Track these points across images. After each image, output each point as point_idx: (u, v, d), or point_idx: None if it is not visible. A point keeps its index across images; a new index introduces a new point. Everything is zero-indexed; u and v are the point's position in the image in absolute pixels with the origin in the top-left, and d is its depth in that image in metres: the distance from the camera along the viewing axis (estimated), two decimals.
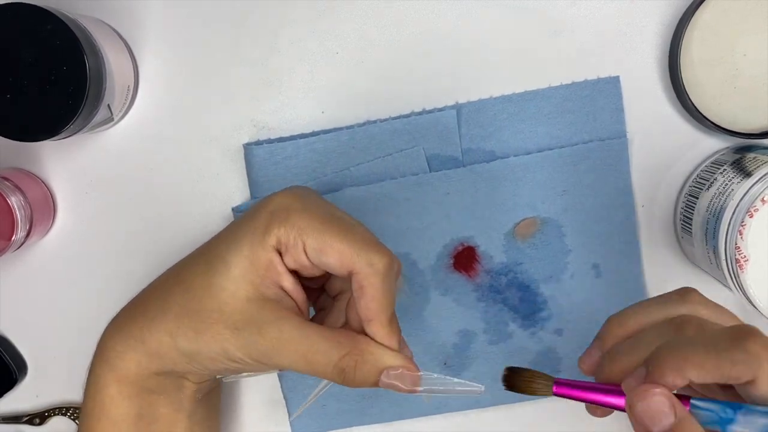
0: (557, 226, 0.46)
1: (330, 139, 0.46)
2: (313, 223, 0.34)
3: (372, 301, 0.34)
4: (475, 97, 0.46)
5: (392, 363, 0.35)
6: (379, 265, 0.34)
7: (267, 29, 0.46)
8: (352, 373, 0.34)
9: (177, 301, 0.36)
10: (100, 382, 0.37)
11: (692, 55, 0.44)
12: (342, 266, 0.34)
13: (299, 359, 0.34)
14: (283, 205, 0.35)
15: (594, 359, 0.35)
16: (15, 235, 0.43)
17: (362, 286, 0.34)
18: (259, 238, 0.34)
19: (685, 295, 0.34)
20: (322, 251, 0.34)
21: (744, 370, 0.29)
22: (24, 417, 0.49)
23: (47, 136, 0.39)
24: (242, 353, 0.35)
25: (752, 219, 0.39)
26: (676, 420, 0.29)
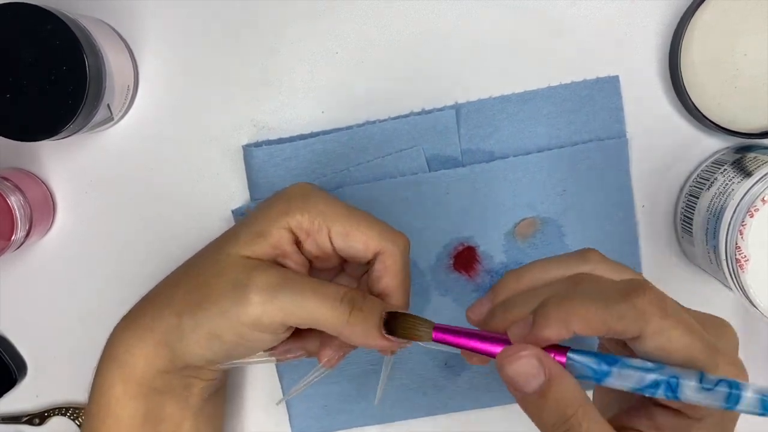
0: (557, 225, 0.46)
1: (329, 139, 0.46)
2: (336, 209, 0.35)
3: (395, 277, 0.36)
4: (475, 97, 0.46)
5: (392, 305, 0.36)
6: (404, 245, 0.36)
7: (267, 29, 0.46)
8: (360, 303, 0.34)
9: (185, 285, 0.36)
10: (107, 382, 0.37)
11: (692, 55, 0.44)
12: (368, 248, 0.35)
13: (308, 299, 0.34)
14: (300, 192, 0.36)
15: (484, 309, 0.34)
16: (15, 235, 0.43)
17: (387, 265, 0.36)
18: (275, 218, 0.35)
19: (585, 254, 0.34)
20: (348, 235, 0.35)
21: (629, 325, 0.28)
22: (24, 417, 0.49)
23: (47, 136, 0.39)
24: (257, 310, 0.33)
25: (752, 219, 0.39)
26: (546, 379, 0.29)
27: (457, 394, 0.48)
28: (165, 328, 0.36)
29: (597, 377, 0.29)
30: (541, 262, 0.34)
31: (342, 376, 0.48)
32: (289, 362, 0.47)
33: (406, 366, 0.48)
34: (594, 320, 0.28)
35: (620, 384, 0.29)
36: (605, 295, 0.29)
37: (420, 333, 0.34)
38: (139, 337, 0.36)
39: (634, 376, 0.29)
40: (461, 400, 0.48)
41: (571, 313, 0.29)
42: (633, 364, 0.29)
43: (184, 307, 0.35)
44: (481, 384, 0.48)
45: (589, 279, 0.31)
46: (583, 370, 0.29)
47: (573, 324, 0.29)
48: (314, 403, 0.48)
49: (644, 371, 0.29)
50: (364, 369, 0.48)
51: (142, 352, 0.36)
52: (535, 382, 0.29)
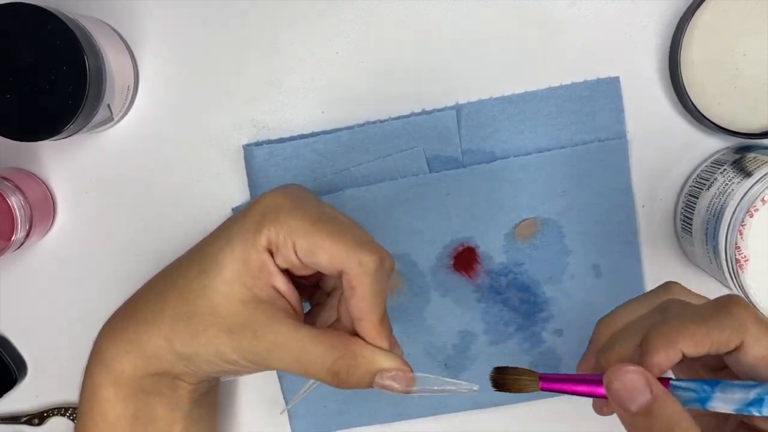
0: (557, 226, 0.46)
1: (330, 139, 0.46)
2: (303, 223, 0.34)
3: (362, 300, 0.34)
4: (475, 97, 0.46)
5: (385, 365, 0.34)
6: (370, 265, 0.34)
7: (267, 29, 0.46)
8: (345, 376, 0.34)
9: (171, 305, 0.36)
10: (96, 383, 0.37)
11: (692, 55, 0.44)
12: (332, 266, 0.34)
13: (293, 362, 0.34)
14: (274, 205, 0.35)
15: (591, 363, 0.35)
16: (15, 235, 0.43)
17: (353, 285, 0.34)
18: (251, 238, 0.34)
19: (667, 287, 0.35)
20: (312, 251, 0.34)
21: (732, 335, 0.29)
22: (23, 417, 0.49)
23: (47, 136, 0.39)
24: (237, 356, 0.35)
25: (752, 219, 0.39)
26: (653, 396, 0.29)
27: (456, 395, 0.48)
28: (154, 348, 0.36)
29: (701, 399, 0.29)
30: (627, 304, 0.35)
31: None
32: None
33: None
34: (699, 336, 0.29)
35: (724, 405, 0.29)
36: (702, 311, 0.30)
37: (526, 384, 0.33)
38: (125, 350, 0.36)
39: (737, 393, 0.29)
40: (460, 400, 0.48)
41: (675, 334, 0.29)
42: (734, 384, 0.29)
43: (173, 333, 0.35)
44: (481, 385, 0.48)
45: (676, 304, 0.32)
46: (686, 396, 0.30)
47: (680, 343, 0.29)
48: (314, 403, 0.48)
49: (747, 388, 0.29)
50: None
51: (130, 361, 0.36)
52: (642, 398, 0.29)
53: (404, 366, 0.35)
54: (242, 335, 0.34)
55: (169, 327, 0.35)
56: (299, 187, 0.38)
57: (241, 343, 0.34)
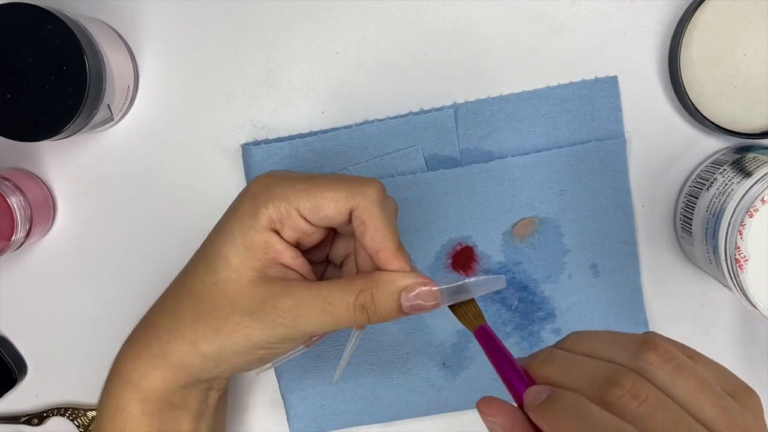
0: (555, 226, 0.46)
1: (328, 138, 0.46)
2: (296, 186, 0.34)
3: (376, 231, 0.34)
4: (474, 97, 0.46)
5: (406, 282, 0.35)
6: (374, 195, 0.34)
7: (267, 29, 0.46)
8: (372, 306, 0.34)
9: (189, 309, 0.36)
10: (121, 402, 0.37)
11: (692, 55, 0.44)
12: (340, 211, 0.34)
13: (319, 314, 0.34)
14: (262, 186, 0.35)
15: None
16: (15, 235, 0.43)
17: (363, 220, 0.34)
18: (249, 223, 0.34)
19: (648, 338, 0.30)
20: (317, 206, 0.34)
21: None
22: (22, 417, 0.49)
23: (47, 136, 0.39)
24: (266, 335, 0.35)
25: (752, 219, 0.39)
26: None
27: (454, 394, 0.48)
28: (180, 356, 0.36)
29: None
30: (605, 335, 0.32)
31: (340, 376, 0.48)
32: (288, 362, 0.48)
33: (404, 366, 0.48)
34: None
35: None
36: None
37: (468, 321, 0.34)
38: (152, 365, 0.36)
39: None
40: (459, 399, 0.48)
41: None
42: None
43: (196, 335, 0.35)
44: (479, 384, 0.48)
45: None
46: None
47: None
48: (312, 403, 0.48)
49: None
50: (361, 369, 0.48)
51: (159, 376, 0.36)
52: None
53: (425, 279, 0.35)
54: (263, 312, 0.34)
55: (191, 331, 0.35)
56: (282, 170, 0.38)
57: (265, 320, 0.34)
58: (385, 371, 0.48)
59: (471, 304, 0.35)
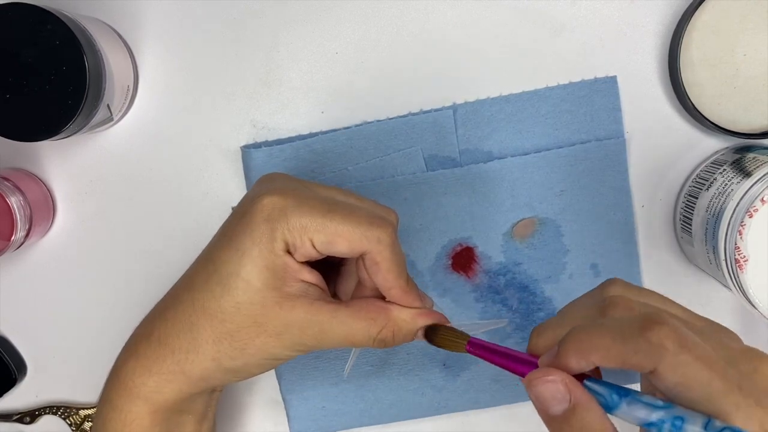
0: (555, 226, 0.46)
1: (328, 139, 0.46)
2: (314, 218, 0.34)
3: (389, 272, 0.36)
4: (473, 97, 0.46)
5: (424, 323, 0.37)
6: (386, 239, 0.35)
7: (266, 29, 0.46)
8: (392, 341, 0.37)
9: (208, 329, 0.36)
10: (130, 416, 0.37)
11: (692, 55, 0.44)
12: (353, 251, 0.35)
13: (342, 341, 0.36)
14: (278, 207, 0.35)
15: None
16: (14, 235, 0.43)
17: (376, 262, 0.35)
18: (268, 246, 0.34)
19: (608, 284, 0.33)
20: (330, 243, 0.35)
21: (644, 360, 0.28)
22: (15, 415, 0.49)
23: (47, 136, 0.39)
24: (290, 351, 0.36)
25: (752, 219, 0.39)
26: (571, 405, 0.29)
27: (455, 395, 0.48)
28: (201, 372, 0.36)
29: (608, 406, 0.30)
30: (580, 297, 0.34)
31: (340, 377, 0.48)
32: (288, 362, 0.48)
33: (404, 367, 0.48)
34: (611, 354, 0.29)
35: (629, 417, 0.29)
36: (624, 327, 0.29)
37: (455, 345, 0.36)
38: (167, 380, 0.36)
39: (641, 411, 0.29)
40: (460, 400, 0.48)
41: (589, 346, 0.29)
42: (643, 399, 0.29)
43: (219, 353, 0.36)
44: (480, 385, 0.48)
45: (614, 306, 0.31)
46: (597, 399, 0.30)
47: (592, 356, 0.29)
48: (313, 404, 0.48)
49: (652, 408, 0.29)
50: (362, 370, 0.48)
51: (176, 388, 0.37)
52: (560, 407, 0.30)
53: (441, 318, 0.37)
54: (290, 333, 0.35)
55: (213, 349, 0.36)
56: (285, 177, 0.38)
57: (292, 340, 0.35)
58: (385, 372, 0.48)
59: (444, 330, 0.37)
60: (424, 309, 0.37)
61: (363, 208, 0.36)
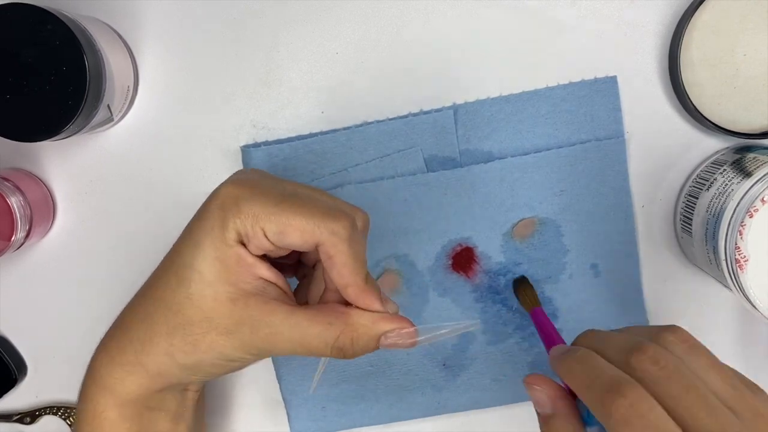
0: (555, 226, 0.46)
1: (328, 140, 0.46)
2: (266, 207, 0.33)
3: (343, 267, 0.34)
4: (473, 97, 0.46)
5: (385, 328, 0.35)
6: (342, 232, 0.34)
7: (266, 29, 0.46)
8: (351, 349, 0.35)
9: (162, 321, 0.35)
10: (98, 408, 0.37)
11: (692, 55, 0.44)
12: (305, 242, 0.34)
13: (296, 347, 0.34)
14: (231, 196, 0.34)
15: None
16: (15, 235, 0.43)
17: (330, 255, 0.34)
18: (219, 235, 0.34)
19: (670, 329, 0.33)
20: (282, 233, 0.33)
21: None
22: (15, 416, 0.49)
23: (47, 136, 0.39)
24: (240, 353, 0.35)
25: (752, 219, 0.39)
26: (551, 412, 0.33)
27: (455, 395, 0.48)
28: (157, 366, 0.35)
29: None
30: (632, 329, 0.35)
31: (340, 378, 0.48)
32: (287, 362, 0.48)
33: (404, 367, 0.48)
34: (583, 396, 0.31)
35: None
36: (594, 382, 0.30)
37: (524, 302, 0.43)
38: (127, 371, 0.36)
39: None
40: (460, 400, 0.48)
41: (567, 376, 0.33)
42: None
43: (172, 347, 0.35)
44: (480, 384, 0.48)
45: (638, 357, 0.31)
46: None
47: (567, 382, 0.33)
48: (313, 404, 0.48)
49: None
50: (362, 370, 0.48)
51: (135, 381, 0.36)
52: (543, 410, 0.33)
53: (403, 323, 0.35)
54: (241, 333, 0.34)
55: (166, 342, 0.35)
56: (253, 171, 0.37)
57: (242, 340, 0.34)
58: (385, 372, 0.48)
59: (529, 291, 0.44)
60: (385, 313, 0.35)
61: (322, 201, 0.35)
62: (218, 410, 0.49)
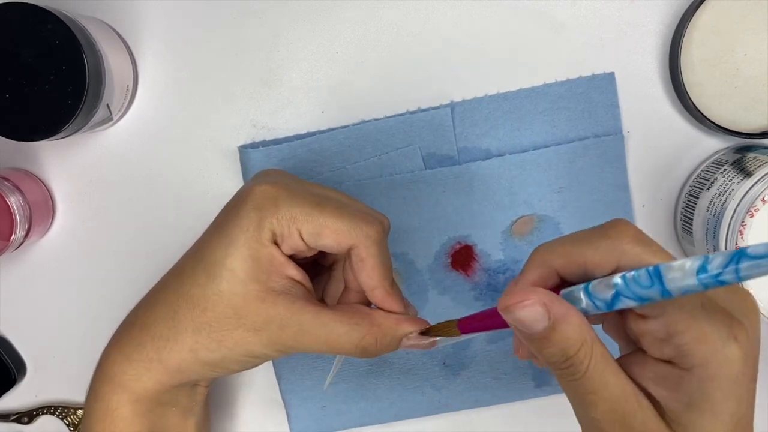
0: (554, 223, 0.46)
1: (326, 138, 0.46)
2: (304, 209, 0.34)
3: (374, 270, 0.35)
4: (471, 95, 0.46)
5: (408, 330, 0.36)
6: (375, 236, 0.35)
7: (267, 29, 0.46)
8: (374, 348, 0.36)
9: (188, 317, 0.35)
10: (111, 405, 0.37)
11: (692, 55, 0.44)
12: (339, 245, 0.35)
13: (322, 345, 0.35)
14: (269, 196, 0.35)
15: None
16: (14, 234, 0.43)
17: (362, 258, 0.35)
18: (255, 235, 0.34)
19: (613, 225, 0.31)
20: (318, 234, 0.34)
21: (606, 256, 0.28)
22: (12, 415, 0.49)
23: (46, 135, 0.39)
24: (267, 350, 0.35)
25: (752, 219, 0.39)
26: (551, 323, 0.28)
27: (455, 394, 0.48)
28: (178, 363, 0.36)
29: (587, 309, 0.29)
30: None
31: (340, 377, 0.48)
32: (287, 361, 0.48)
33: (404, 366, 0.48)
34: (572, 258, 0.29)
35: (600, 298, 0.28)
36: (586, 233, 0.30)
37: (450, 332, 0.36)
38: (145, 368, 0.36)
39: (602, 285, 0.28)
40: (460, 399, 0.48)
41: (550, 255, 0.30)
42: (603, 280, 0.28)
43: (197, 344, 0.35)
44: (480, 383, 0.48)
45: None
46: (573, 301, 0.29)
47: (553, 261, 0.30)
48: (313, 404, 0.48)
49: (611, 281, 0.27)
50: (362, 370, 0.48)
51: (152, 378, 0.36)
52: (540, 326, 0.29)
53: (424, 325, 0.37)
54: (269, 331, 0.35)
55: (191, 339, 0.35)
56: (279, 172, 0.38)
57: (270, 338, 0.35)
58: (385, 371, 0.48)
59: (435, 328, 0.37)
60: (408, 316, 0.37)
61: (354, 206, 0.36)
62: (218, 410, 0.49)
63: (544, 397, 0.48)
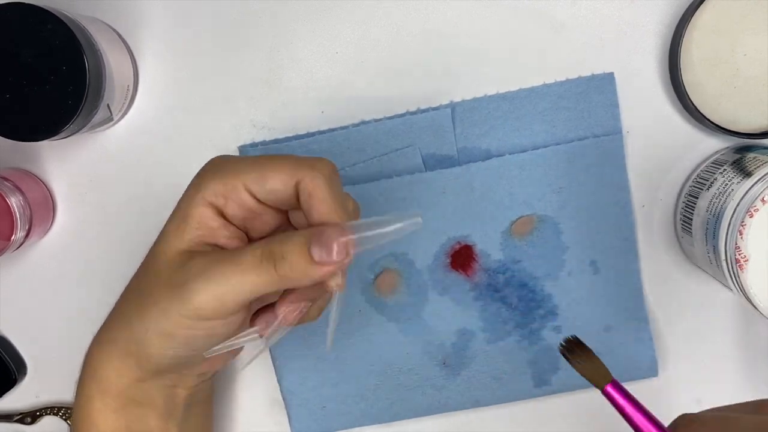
0: (554, 223, 0.46)
1: (325, 139, 0.46)
2: (245, 161, 0.34)
3: (323, 202, 0.33)
4: (471, 95, 0.46)
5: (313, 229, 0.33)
6: (324, 169, 0.33)
7: (267, 29, 0.46)
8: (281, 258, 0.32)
9: (133, 293, 0.36)
10: (87, 394, 0.37)
11: (692, 55, 0.44)
12: (286, 184, 0.33)
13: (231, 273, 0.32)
14: (209, 163, 0.35)
15: None
16: (14, 235, 0.43)
17: (310, 192, 0.33)
18: (191, 194, 0.35)
19: None
20: (263, 178, 0.33)
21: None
22: (15, 416, 0.49)
23: (47, 136, 0.39)
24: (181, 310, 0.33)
25: (752, 219, 0.39)
26: None
27: (456, 394, 0.48)
28: (124, 339, 0.35)
29: None
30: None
31: (340, 377, 0.48)
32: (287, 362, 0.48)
33: (404, 366, 0.48)
34: None
35: None
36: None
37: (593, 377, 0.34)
38: (106, 351, 0.36)
39: None
40: (460, 399, 0.48)
41: None
42: None
43: (133, 315, 0.35)
44: (480, 383, 0.48)
45: None
46: None
47: None
48: (313, 404, 0.48)
49: None
50: (362, 370, 0.48)
51: (112, 366, 0.36)
52: None
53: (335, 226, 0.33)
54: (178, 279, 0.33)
55: (135, 309, 0.35)
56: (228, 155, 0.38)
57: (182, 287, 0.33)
58: (386, 371, 0.48)
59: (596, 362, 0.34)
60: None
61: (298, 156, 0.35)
62: (218, 410, 0.49)
63: (544, 397, 0.48)
